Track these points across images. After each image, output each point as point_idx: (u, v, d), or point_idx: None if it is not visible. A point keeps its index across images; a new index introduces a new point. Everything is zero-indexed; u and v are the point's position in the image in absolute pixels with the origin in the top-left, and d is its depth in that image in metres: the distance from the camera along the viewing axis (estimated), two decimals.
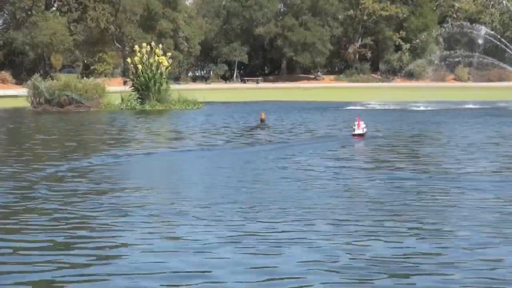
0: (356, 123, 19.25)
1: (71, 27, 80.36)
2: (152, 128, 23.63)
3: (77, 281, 5.97)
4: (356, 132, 19.06)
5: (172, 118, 29.70)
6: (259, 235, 7.41)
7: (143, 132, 22.01)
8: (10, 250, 7.00)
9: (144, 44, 37.55)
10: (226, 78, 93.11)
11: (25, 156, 15.15)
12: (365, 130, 19.33)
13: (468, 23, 67.70)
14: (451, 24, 65.48)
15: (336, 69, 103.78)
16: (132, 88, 37.88)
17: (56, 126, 25.11)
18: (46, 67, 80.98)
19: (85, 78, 42.80)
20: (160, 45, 38.54)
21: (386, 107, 35.14)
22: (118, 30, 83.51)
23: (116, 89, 47.32)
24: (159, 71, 36.68)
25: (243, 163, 13.54)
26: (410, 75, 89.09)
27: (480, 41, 59.41)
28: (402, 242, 7.10)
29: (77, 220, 8.27)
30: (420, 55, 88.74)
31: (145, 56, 36.62)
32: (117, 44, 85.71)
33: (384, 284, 5.86)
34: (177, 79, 77.67)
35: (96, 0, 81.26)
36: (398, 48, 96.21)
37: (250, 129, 22.17)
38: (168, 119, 29.08)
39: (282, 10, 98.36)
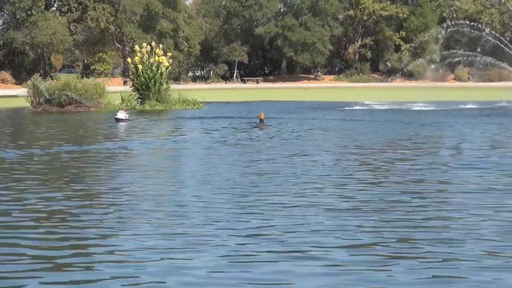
0: (121, 111, 25.81)
1: (71, 27, 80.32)
2: (150, 127, 23.62)
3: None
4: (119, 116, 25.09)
5: (171, 117, 29.64)
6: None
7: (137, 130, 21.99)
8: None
9: (144, 44, 37.52)
10: (226, 78, 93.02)
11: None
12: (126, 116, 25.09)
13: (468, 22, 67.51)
14: (451, 23, 65.20)
15: (336, 69, 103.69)
16: (132, 88, 37.86)
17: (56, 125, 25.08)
18: (46, 67, 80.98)
19: (85, 78, 42.74)
20: (160, 45, 38.52)
21: (386, 107, 35.08)
22: (118, 30, 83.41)
23: (116, 89, 47.25)
24: (159, 71, 36.63)
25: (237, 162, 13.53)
26: (410, 75, 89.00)
27: (484, 33, 58.63)
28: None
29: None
30: (420, 55, 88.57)
31: (145, 56, 36.58)
32: (117, 44, 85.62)
33: None
34: (177, 79, 77.62)
35: (96, 0, 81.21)
36: (398, 48, 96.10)
37: (249, 129, 22.13)
38: (167, 119, 29.02)
39: (282, 10, 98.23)
